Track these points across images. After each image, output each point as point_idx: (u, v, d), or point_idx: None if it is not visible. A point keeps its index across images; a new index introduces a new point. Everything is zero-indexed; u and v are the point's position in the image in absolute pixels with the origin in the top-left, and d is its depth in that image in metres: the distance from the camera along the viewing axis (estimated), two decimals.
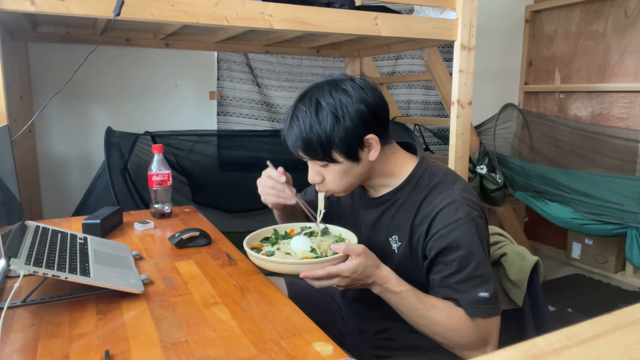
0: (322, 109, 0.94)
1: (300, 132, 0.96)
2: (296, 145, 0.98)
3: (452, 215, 0.94)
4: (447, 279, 0.94)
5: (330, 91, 0.96)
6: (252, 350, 0.75)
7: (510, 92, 3.60)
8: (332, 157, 0.96)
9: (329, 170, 0.99)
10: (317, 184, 1.03)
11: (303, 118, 0.96)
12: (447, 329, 0.93)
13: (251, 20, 1.65)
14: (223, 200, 2.55)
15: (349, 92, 0.95)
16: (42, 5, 1.38)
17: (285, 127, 1.00)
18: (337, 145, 0.94)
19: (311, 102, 0.96)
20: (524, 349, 0.42)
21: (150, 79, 2.57)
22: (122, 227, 1.45)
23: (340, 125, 0.93)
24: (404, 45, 2.54)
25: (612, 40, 3.06)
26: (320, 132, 0.94)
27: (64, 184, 2.43)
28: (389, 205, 1.04)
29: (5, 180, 1.05)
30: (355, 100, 0.94)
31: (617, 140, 2.81)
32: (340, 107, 0.94)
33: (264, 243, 1.06)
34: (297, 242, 1.00)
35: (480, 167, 2.68)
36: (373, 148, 0.97)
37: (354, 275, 0.89)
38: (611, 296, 2.74)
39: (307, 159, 1.01)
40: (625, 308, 0.49)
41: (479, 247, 0.93)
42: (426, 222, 0.96)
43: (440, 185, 0.99)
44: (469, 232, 0.93)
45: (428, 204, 0.98)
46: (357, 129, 0.94)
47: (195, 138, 2.52)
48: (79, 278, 0.89)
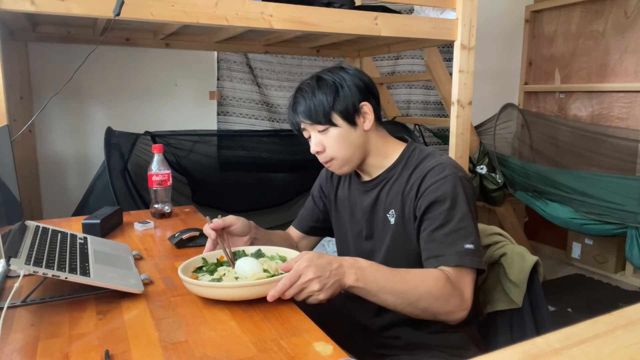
0: (323, 80, 1.08)
1: (305, 100, 1.07)
2: (301, 112, 1.08)
3: (440, 173, 1.02)
4: (434, 232, 0.99)
5: (330, 70, 1.10)
6: (252, 350, 0.75)
7: (510, 92, 3.60)
8: (332, 120, 1.06)
9: (329, 136, 1.07)
10: (319, 154, 1.10)
11: (307, 89, 1.08)
12: (430, 294, 0.91)
13: (251, 20, 1.65)
14: (223, 200, 2.55)
15: (348, 70, 1.10)
16: (42, 5, 1.38)
17: (290, 103, 1.12)
18: (337, 108, 1.06)
19: (312, 78, 1.10)
20: (524, 349, 0.42)
21: (150, 79, 2.57)
22: (122, 227, 1.45)
23: (339, 92, 1.06)
24: (404, 45, 2.54)
25: (612, 40, 3.06)
26: (322, 98, 1.06)
27: (64, 184, 2.43)
28: (384, 184, 1.11)
29: (5, 180, 1.05)
30: (353, 75, 1.09)
31: (617, 140, 2.80)
32: (339, 79, 1.07)
33: (197, 274, 1.00)
34: (244, 265, 0.97)
35: (480, 167, 2.68)
36: (367, 117, 1.08)
37: (313, 264, 0.85)
38: (611, 296, 2.74)
39: (309, 128, 1.09)
40: (625, 308, 0.49)
41: (464, 202, 0.99)
42: (416, 185, 1.04)
43: (429, 156, 1.08)
44: (455, 186, 1.00)
45: (418, 171, 1.06)
46: (354, 95, 1.07)
47: (195, 138, 2.52)
48: (79, 278, 0.89)
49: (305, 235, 1.32)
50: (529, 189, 2.60)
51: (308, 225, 1.30)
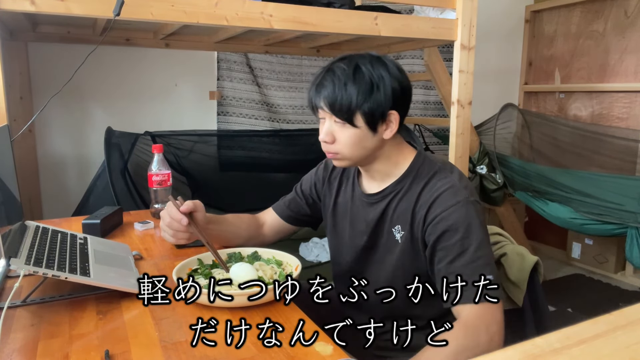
0: (360, 72, 0.97)
1: (334, 86, 0.97)
2: (324, 96, 0.98)
3: (451, 198, 0.96)
4: (452, 264, 0.94)
5: (371, 60, 0.99)
6: (252, 350, 0.75)
7: (510, 92, 3.59)
8: (353, 120, 0.98)
9: (344, 132, 1.00)
10: (326, 144, 1.02)
11: (340, 75, 0.97)
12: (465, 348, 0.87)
13: (251, 20, 1.65)
14: (223, 200, 2.55)
15: (389, 68, 0.99)
16: (42, 5, 1.38)
17: (315, 81, 1.02)
18: (364, 110, 0.97)
19: (351, 63, 0.98)
20: (524, 349, 0.42)
21: (150, 79, 2.57)
22: (122, 227, 1.45)
23: (372, 93, 0.96)
24: (404, 45, 2.54)
25: (612, 40, 3.06)
26: (352, 92, 0.96)
27: (64, 184, 2.43)
28: (391, 197, 1.05)
29: (5, 180, 1.05)
30: (393, 77, 0.98)
31: (617, 140, 2.80)
32: (377, 77, 0.97)
33: (194, 275, 0.99)
34: (239, 271, 0.96)
35: (480, 167, 2.68)
36: (391, 126, 1.00)
37: None
38: (611, 296, 2.74)
39: (325, 115, 1.01)
40: (625, 308, 0.49)
41: (478, 229, 0.94)
42: (425, 207, 0.98)
43: (439, 172, 1.02)
44: (468, 213, 0.94)
45: (428, 190, 1.00)
46: (386, 102, 0.98)
47: (195, 138, 2.52)
48: (79, 278, 0.89)
49: (285, 223, 1.28)
50: (528, 189, 2.60)
51: (288, 214, 1.27)
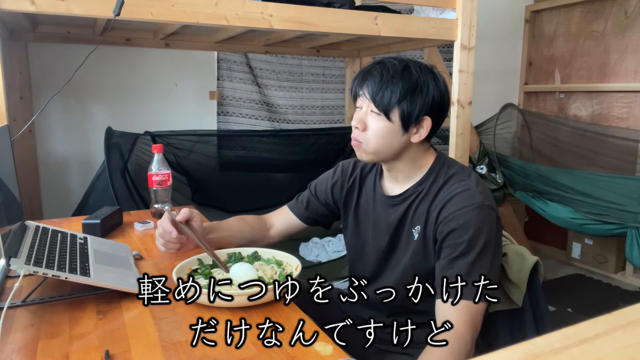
0: (409, 71, 1.01)
1: (381, 77, 1.01)
2: (369, 85, 1.01)
3: (466, 200, 0.98)
4: (455, 261, 0.95)
5: (421, 65, 1.04)
6: (252, 350, 0.75)
7: (510, 92, 3.60)
8: (389, 113, 1.01)
9: (378, 122, 1.02)
10: (356, 131, 1.05)
11: (390, 68, 1.01)
12: None
13: (251, 20, 1.65)
14: (223, 200, 2.55)
15: (436, 77, 1.03)
16: (42, 5, 1.38)
17: (365, 69, 1.05)
18: (402, 106, 1.00)
19: (402, 62, 1.03)
20: (524, 349, 0.42)
21: (150, 79, 2.57)
22: (122, 227, 1.45)
23: (415, 93, 1.00)
24: (404, 45, 2.54)
25: (612, 40, 3.06)
26: (397, 87, 0.99)
27: (64, 184, 2.43)
28: (412, 199, 1.07)
29: (5, 180, 1.05)
30: (437, 86, 1.02)
31: (617, 140, 2.80)
32: (423, 80, 1.01)
33: (194, 275, 1.00)
34: (239, 271, 0.97)
35: (480, 167, 2.68)
36: (421, 131, 1.03)
37: None
38: (611, 296, 2.74)
39: (363, 103, 1.04)
40: (625, 308, 0.49)
41: (490, 235, 0.95)
42: (439, 206, 1.00)
43: (457, 175, 1.04)
44: (480, 217, 0.96)
45: (444, 191, 1.02)
46: (425, 105, 1.01)
47: (195, 138, 2.52)
48: (79, 278, 0.89)
49: (301, 222, 1.28)
50: (528, 189, 2.60)
51: (306, 215, 1.27)
